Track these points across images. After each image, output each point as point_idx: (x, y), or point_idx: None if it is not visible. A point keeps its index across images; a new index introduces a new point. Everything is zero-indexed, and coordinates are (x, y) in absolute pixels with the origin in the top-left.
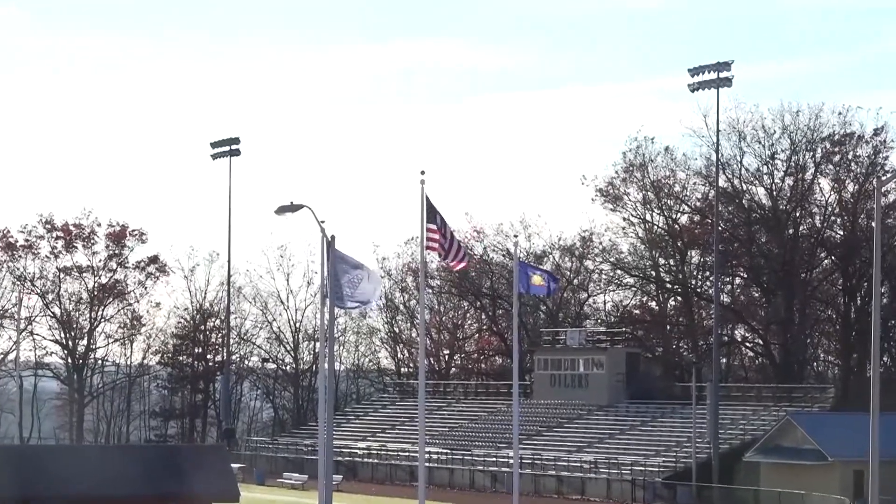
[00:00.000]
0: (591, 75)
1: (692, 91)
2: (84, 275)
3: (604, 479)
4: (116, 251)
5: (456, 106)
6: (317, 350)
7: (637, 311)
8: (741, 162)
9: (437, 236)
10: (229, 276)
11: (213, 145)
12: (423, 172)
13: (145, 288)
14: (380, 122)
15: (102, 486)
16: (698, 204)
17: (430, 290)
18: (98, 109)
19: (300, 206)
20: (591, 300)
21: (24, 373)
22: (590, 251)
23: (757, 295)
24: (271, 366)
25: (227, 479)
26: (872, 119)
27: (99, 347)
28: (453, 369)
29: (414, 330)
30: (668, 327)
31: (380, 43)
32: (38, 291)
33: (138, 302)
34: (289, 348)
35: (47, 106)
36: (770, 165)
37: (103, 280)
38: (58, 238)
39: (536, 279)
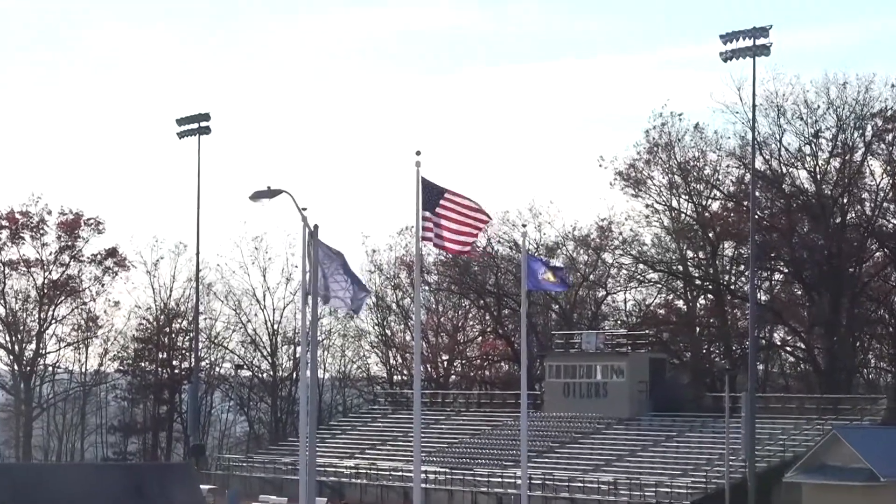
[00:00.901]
0: (610, 43)
1: (725, 61)
2: (32, 270)
3: (624, 503)
4: (69, 243)
5: (455, 77)
6: (298, 355)
7: (662, 311)
8: (780, 141)
9: (431, 224)
10: (198, 271)
11: (180, 122)
12: (418, 153)
13: (102, 285)
14: (368, 96)
15: None
16: (732, 189)
17: (427, 288)
18: (47, 83)
19: (278, 192)
20: (609, 298)
21: None
22: (608, 243)
23: (799, 292)
24: (246, 373)
25: (195, 502)
26: None
27: (49, 352)
28: (453, 377)
29: (408, 332)
30: (698, 329)
31: (366, 6)
32: None
33: (94, 301)
34: (266, 353)
35: None
36: (813, 145)
37: (54, 276)
38: (1, 228)
39: (548, 274)
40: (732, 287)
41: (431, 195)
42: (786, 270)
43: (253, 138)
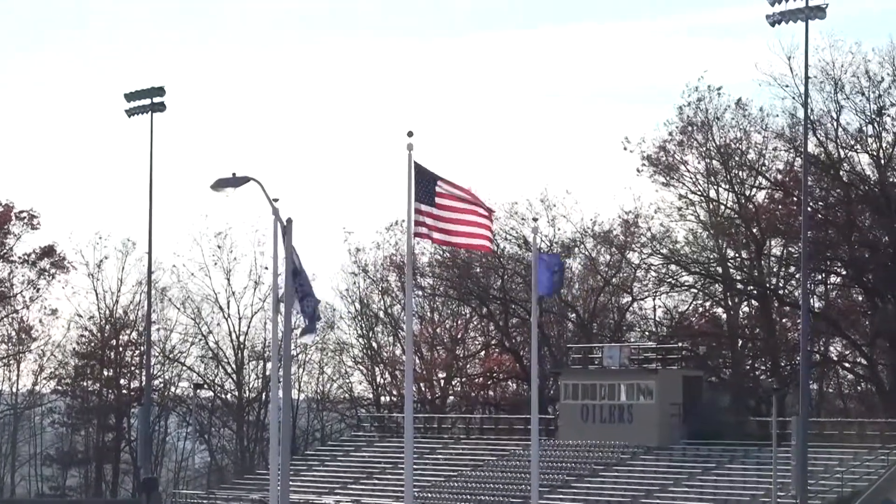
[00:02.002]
0: (637, 5)
1: (772, 25)
2: None
3: None
4: None
5: (452, 45)
6: (268, 373)
7: (698, 321)
8: (837, 120)
9: (429, 219)
10: (150, 273)
11: (129, 97)
12: (410, 134)
13: (37, 289)
14: (350, 67)
15: None
16: (780, 177)
17: (421, 293)
18: None
19: (245, 180)
20: (635, 306)
21: None
22: (634, 240)
23: (860, 298)
24: (206, 394)
25: None
26: None
27: None
28: (451, 398)
29: (399, 346)
30: (740, 342)
31: None
32: None
33: (27, 308)
34: (230, 370)
35: None
36: (876, 124)
37: None
38: None
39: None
40: (781, 292)
41: (426, 184)
42: (844, 272)
43: (215, 117)
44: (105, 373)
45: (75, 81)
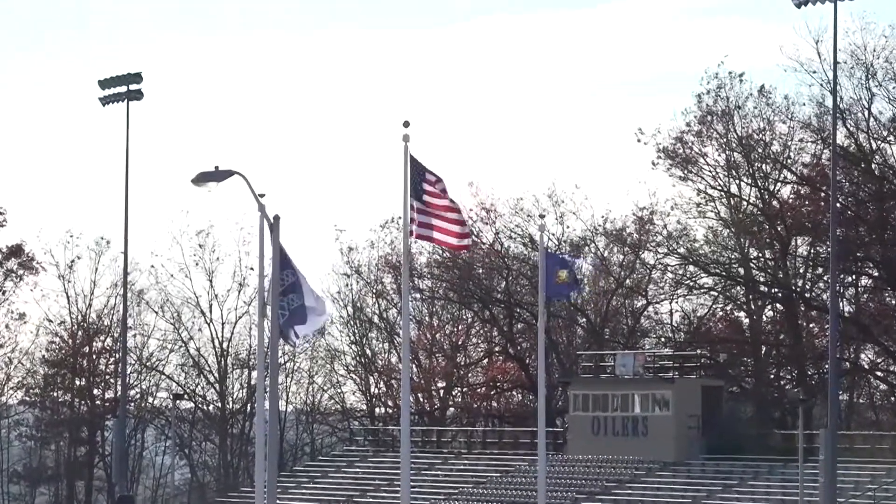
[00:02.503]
0: None
1: (798, 6)
2: None
3: None
4: None
5: (450, 31)
6: (253, 382)
7: (718, 326)
8: (869, 109)
9: (419, 216)
10: (126, 274)
11: (103, 84)
12: (406, 124)
13: (2, 292)
14: (342, 54)
15: None
16: (806, 170)
17: (418, 295)
18: None
19: (229, 173)
20: (650, 309)
21: None
22: (649, 238)
23: (893, 302)
24: (187, 405)
25: None
26: None
27: None
28: (452, 410)
29: (394, 353)
30: (764, 349)
31: None
32: None
33: None
34: (212, 380)
35: None
36: None
37: None
38: None
39: (561, 274)
40: (808, 295)
41: (419, 177)
42: (876, 274)
43: (197, 106)
44: (77, 382)
45: (43, 68)
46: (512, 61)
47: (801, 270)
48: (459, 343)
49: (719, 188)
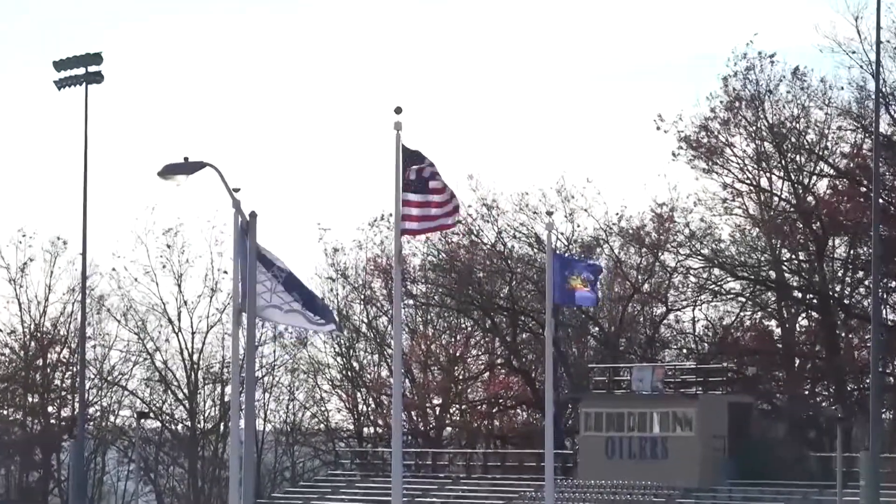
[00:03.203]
0: None
1: None
2: None
3: None
4: None
5: (451, 4)
6: (227, 399)
7: (747, 336)
8: None
9: (416, 210)
10: (84, 278)
11: (59, 66)
12: (398, 111)
13: None
14: (327, 34)
15: None
16: (845, 162)
17: (412, 302)
18: None
19: (200, 165)
20: (671, 318)
21: None
22: (670, 238)
23: None
24: (153, 424)
25: None
26: None
27: None
28: (449, 430)
29: (385, 366)
30: (797, 361)
31: None
32: None
33: None
34: (181, 396)
35: None
36: None
37: None
38: None
39: (575, 279)
40: (847, 301)
41: (418, 168)
42: None
43: (164, 91)
44: (30, 399)
45: None
46: (516, 41)
47: (840, 274)
48: (457, 355)
49: (748, 182)
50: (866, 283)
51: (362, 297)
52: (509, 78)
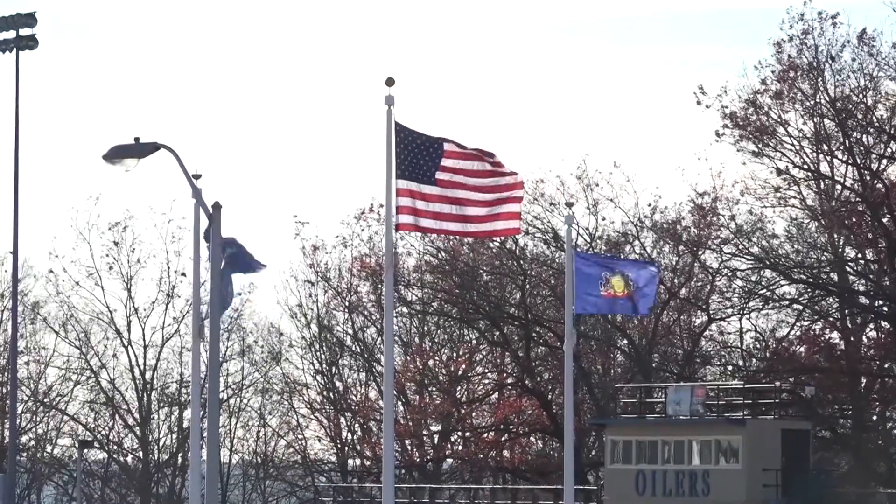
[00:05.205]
0: None
1: None
2: None
3: None
4: None
5: None
6: (186, 425)
7: (803, 350)
8: None
9: (411, 201)
10: (15, 282)
11: None
12: (390, 82)
13: None
14: None
15: None
16: None
17: (405, 310)
18: None
19: (154, 147)
20: (713, 328)
21: None
22: (712, 234)
23: None
24: (98, 455)
25: None
26: None
27: None
28: (450, 461)
29: (373, 386)
30: (864, 381)
31: None
32: None
33: None
34: (132, 422)
35: None
36: None
37: None
38: None
39: (613, 283)
40: None
41: (418, 152)
42: None
43: (110, 60)
44: None
45: None
46: (531, 3)
47: None
48: (460, 373)
49: (805, 167)
50: None
51: (347, 303)
52: (522, 46)
